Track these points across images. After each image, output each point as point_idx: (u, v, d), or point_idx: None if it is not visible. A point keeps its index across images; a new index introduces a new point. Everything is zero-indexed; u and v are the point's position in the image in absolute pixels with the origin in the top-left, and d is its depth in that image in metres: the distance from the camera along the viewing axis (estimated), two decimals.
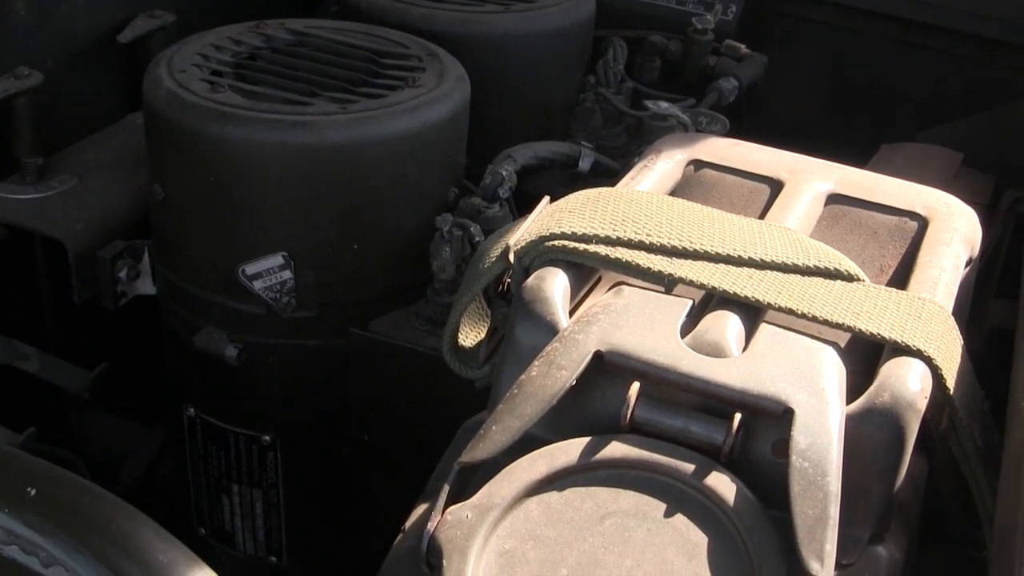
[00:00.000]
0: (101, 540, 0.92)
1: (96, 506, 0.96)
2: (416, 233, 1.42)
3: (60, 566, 0.90)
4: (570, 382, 1.01)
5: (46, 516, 0.93)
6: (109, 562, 0.90)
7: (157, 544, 0.93)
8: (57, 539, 0.91)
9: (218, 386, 1.51)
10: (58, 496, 0.96)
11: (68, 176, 1.65)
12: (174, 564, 0.92)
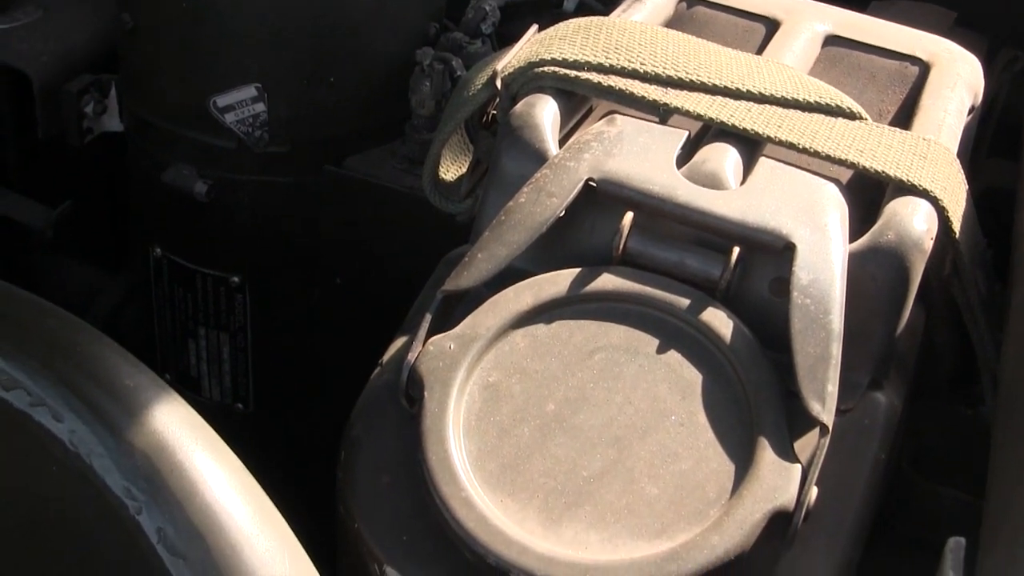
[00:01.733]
0: (65, 363, 0.87)
1: (60, 328, 0.91)
2: (394, 67, 1.36)
3: (22, 389, 0.85)
4: (561, 210, 0.96)
5: (7, 338, 0.88)
6: (73, 385, 0.86)
7: (123, 368, 0.89)
8: (18, 362, 0.86)
9: (186, 225, 1.45)
10: (20, 317, 0.91)
11: (33, 8, 1.56)
12: (140, 388, 0.87)
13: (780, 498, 0.84)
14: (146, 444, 0.84)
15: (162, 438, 0.85)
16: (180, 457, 0.84)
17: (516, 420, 0.89)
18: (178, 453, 0.84)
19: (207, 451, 0.85)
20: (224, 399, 1.55)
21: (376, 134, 1.40)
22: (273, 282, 1.47)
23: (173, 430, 0.85)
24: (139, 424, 0.85)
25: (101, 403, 0.85)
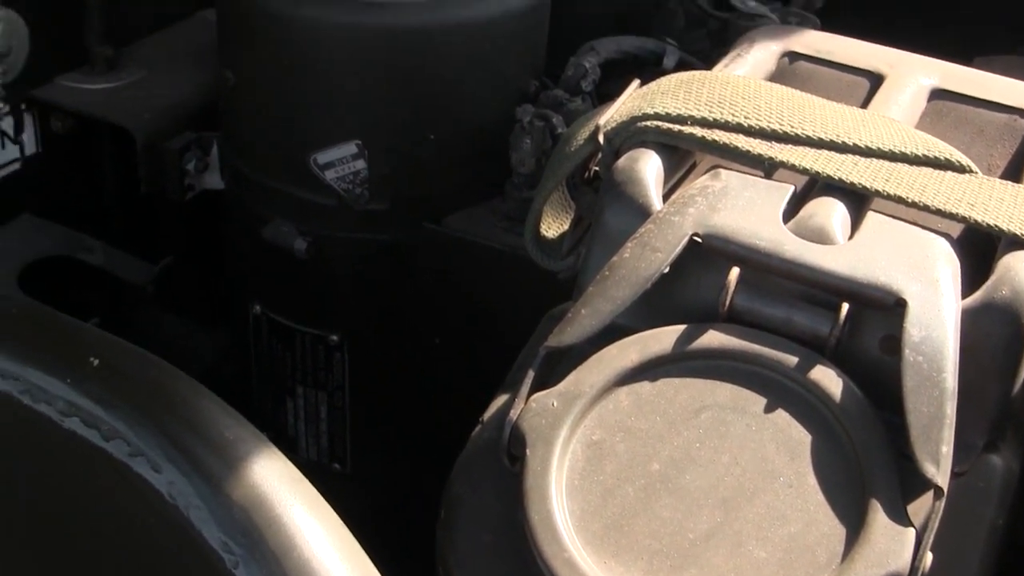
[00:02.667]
0: (165, 414, 0.87)
1: (161, 379, 0.91)
2: (495, 125, 1.36)
3: (122, 439, 0.85)
4: (665, 265, 0.94)
5: (109, 388, 0.88)
6: (172, 437, 0.85)
7: (223, 420, 0.88)
8: (119, 412, 0.86)
9: (285, 282, 1.46)
10: (122, 367, 0.91)
11: (137, 67, 1.60)
12: (240, 441, 0.86)
13: (893, 563, 0.81)
14: (244, 497, 0.83)
15: (261, 492, 0.84)
16: (279, 511, 0.83)
17: (620, 480, 0.87)
18: (276, 507, 0.83)
19: (306, 506, 0.84)
20: (321, 458, 1.55)
21: (476, 192, 1.39)
22: (372, 341, 1.47)
23: (272, 484, 0.84)
24: (238, 477, 0.84)
25: (200, 455, 0.85)
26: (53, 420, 0.88)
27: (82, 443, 0.87)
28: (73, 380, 0.89)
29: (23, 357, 0.90)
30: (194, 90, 1.55)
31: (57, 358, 0.90)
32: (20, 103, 1.56)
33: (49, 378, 0.89)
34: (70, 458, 0.88)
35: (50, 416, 0.88)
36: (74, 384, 0.88)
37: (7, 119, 1.55)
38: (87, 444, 0.87)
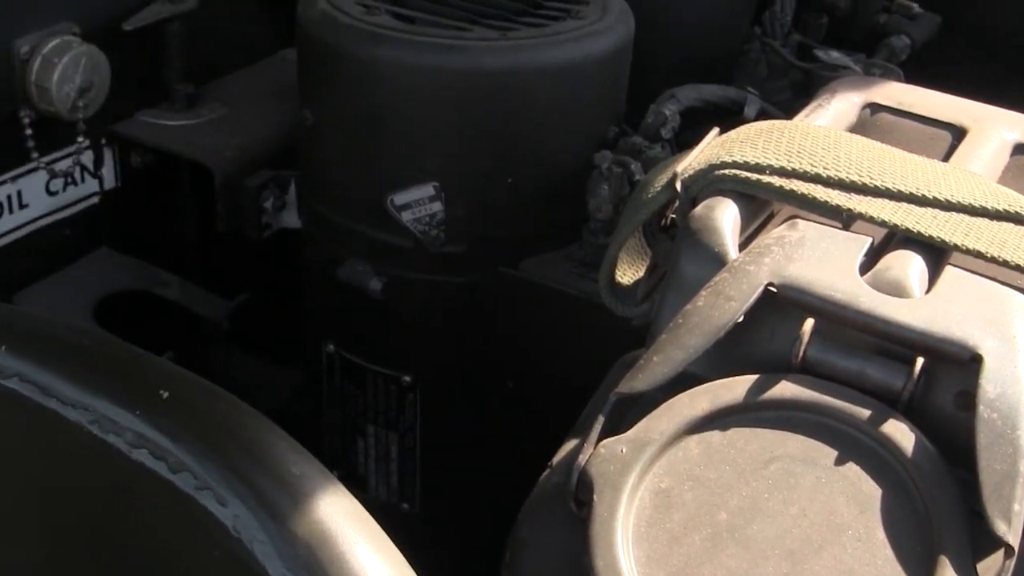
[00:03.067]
0: (232, 448, 0.87)
1: (230, 413, 0.91)
2: (573, 170, 1.35)
3: (188, 472, 0.86)
4: (740, 314, 0.93)
5: (178, 420, 0.88)
6: (239, 471, 0.85)
7: (290, 456, 0.88)
8: (187, 445, 0.87)
9: (360, 322, 1.46)
10: (191, 401, 0.91)
11: (218, 105, 1.63)
12: (307, 478, 0.87)
13: None
14: (309, 533, 0.83)
15: (325, 528, 0.84)
16: (342, 549, 0.83)
17: (687, 528, 0.86)
18: (340, 544, 0.83)
19: (370, 544, 0.84)
20: (391, 498, 1.55)
21: (552, 237, 1.39)
22: (444, 383, 1.47)
23: (337, 521, 0.84)
24: (303, 513, 0.84)
25: (266, 490, 0.85)
26: (122, 451, 0.88)
27: (149, 475, 0.87)
28: (142, 412, 0.89)
29: (94, 388, 0.91)
30: (273, 129, 1.56)
31: (127, 390, 0.91)
32: (100, 138, 1.59)
33: (119, 409, 0.89)
34: (137, 489, 0.88)
35: (119, 447, 0.88)
36: (143, 416, 0.89)
37: (87, 153, 1.58)
38: (154, 476, 0.87)
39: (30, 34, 1.44)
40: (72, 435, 0.90)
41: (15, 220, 1.53)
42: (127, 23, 1.53)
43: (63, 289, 1.57)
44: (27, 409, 0.92)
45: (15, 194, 1.52)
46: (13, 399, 0.93)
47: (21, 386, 0.93)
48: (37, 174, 1.52)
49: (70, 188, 1.58)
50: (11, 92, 1.45)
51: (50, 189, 1.56)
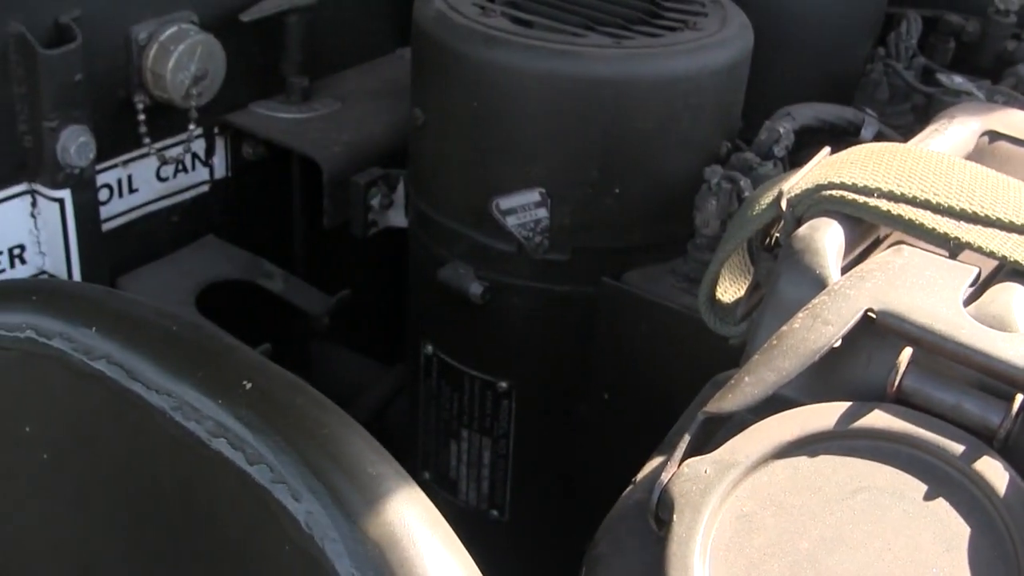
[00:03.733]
0: (310, 443, 0.86)
1: (310, 408, 0.90)
2: (682, 183, 1.33)
3: (265, 465, 0.85)
4: (836, 339, 0.91)
5: (258, 412, 0.88)
6: (315, 467, 0.85)
7: (368, 455, 0.87)
8: (266, 437, 0.86)
9: (459, 325, 1.46)
10: (273, 393, 0.91)
11: (332, 100, 1.63)
12: (383, 478, 0.85)
13: None
14: (379, 535, 0.82)
15: (396, 530, 0.83)
16: (412, 552, 0.82)
17: (766, 555, 0.83)
18: (410, 548, 0.82)
19: (440, 548, 0.83)
20: (480, 504, 1.54)
21: (657, 250, 1.37)
22: (540, 391, 1.45)
23: (408, 523, 0.83)
24: (375, 513, 0.83)
25: (341, 488, 0.84)
26: (201, 439, 0.88)
27: (227, 465, 0.87)
28: (224, 401, 0.89)
29: (178, 374, 0.91)
30: (385, 127, 1.56)
31: (211, 378, 0.91)
32: (213, 127, 1.60)
33: (201, 397, 0.90)
34: (213, 478, 0.88)
35: (199, 435, 0.88)
36: (225, 405, 0.89)
37: (199, 142, 1.59)
38: (231, 466, 0.87)
39: (148, 21, 1.46)
40: (154, 420, 0.90)
41: (124, 204, 1.55)
42: (245, 14, 1.54)
43: (167, 275, 1.58)
44: (113, 391, 0.93)
45: (125, 178, 1.54)
46: (100, 380, 0.94)
47: (108, 368, 0.94)
48: (148, 160, 1.54)
49: (180, 175, 1.60)
50: (127, 77, 1.48)
51: (160, 175, 1.58)
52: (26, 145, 1.39)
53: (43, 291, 1.03)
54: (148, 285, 1.56)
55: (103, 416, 0.96)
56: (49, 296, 1.01)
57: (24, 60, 1.35)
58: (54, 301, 1.00)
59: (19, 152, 1.40)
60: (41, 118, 1.36)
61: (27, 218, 1.44)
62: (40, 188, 1.42)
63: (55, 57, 1.34)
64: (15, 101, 1.37)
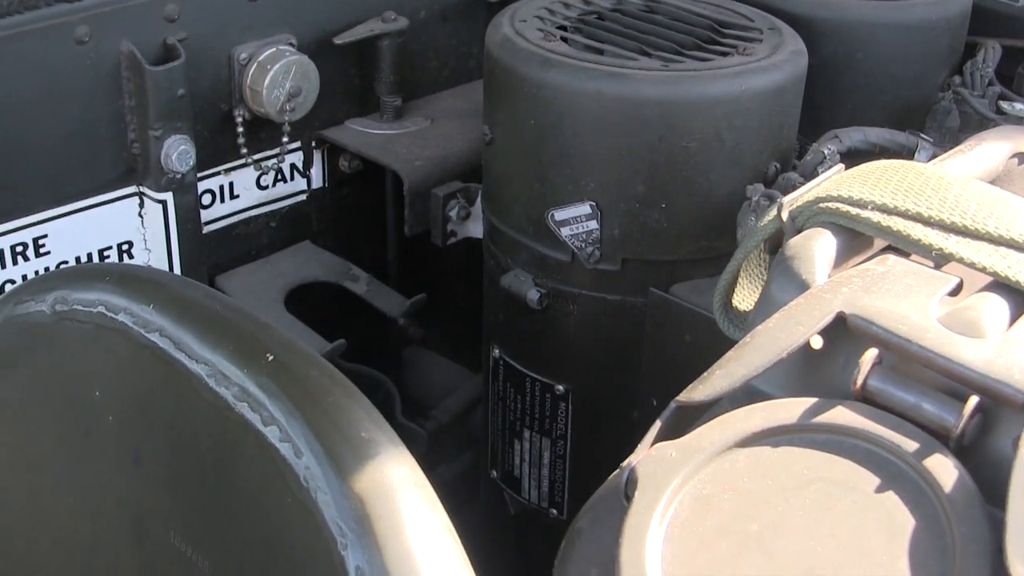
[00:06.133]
0: (315, 409, 0.97)
1: (320, 379, 1.01)
2: (728, 201, 1.40)
3: (276, 426, 0.96)
4: (804, 338, 0.97)
5: (275, 380, 0.99)
6: (316, 429, 0.96)
7: (364, 422, 0.97)
8: (279, 402, 0.98)
9: (521, 330, 1.54)
10: (290, 364, 1.01)
11: (422, 118, 1.74)
12: (374, 442, 0.95)
13: None
14: (363, 490, 0.92)
15: (379, 487, 0.92)
16: (391, 507, 0.92)
17: (717, 535, 0.90)
18: (390, 503, 0.92)
19: (417, 503, 0.92)
20: (541, 503, 1.62)
21: (706, 264, 1.44)
22: (595, 395, 1.53)
23: (391, 481, 0.93)
24: (363, 471, 0.93)
25: (335, 447, 0.95)
26: (229, 403, 1.00)
27: (247, 426, 0.99)
28: (249, 371, 1.01)
29: (214, 345, 1.03)
30: (468, 144, 1.66)
31: (240, 350, 1.02)
32: (311, 141, 1.73)
33: (231, 366, 1.01)
34: (236, 438, 0.99)
35: (227, 399, 1.00)
36: (249, 374, 1.00)
37: (298, 154, 1.72)
38: (250, 427, 0.98)
39: (250, 42, 1.60)
40: (193, 385, 1.02)
41: (225, 209, 1.69)
42: (338, 38, 1.67)
43: (261, 275, 1.71)
44: (163, 360, 1.05)
45: (227, 185, 1.68)
46: (153, 350, 1.06)
47: (160, 340, 1.06)
48: (248, 168, 1.68)
49: (279, 184, 1.73)
50: (228, 93, 1.62)
51: (260, 183, 1.71)
52: (134, 151, 1.55)
53: (114, 273, 1.16)
54: (243, 283, 1.69)
55: (155, 383, 1.08)
56: (119, 277, 1.14)
57: (134, 75, 1.50)
58: (123, 282, 1.13)
59: (129, 158, 1.55)
60: (147, 127, 1.51)
61: (135, 217, 1.59)
62: (146, 191, 1.56)
63: (160, 73, 1.49)
64: (125, 112, 1.52)
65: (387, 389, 1.69)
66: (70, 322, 1.13)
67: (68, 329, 1.13)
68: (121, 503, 1.14)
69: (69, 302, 1.13)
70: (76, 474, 1.18)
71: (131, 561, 1.12)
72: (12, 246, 1.49)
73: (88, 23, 1.45)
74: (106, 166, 1.54)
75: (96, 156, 1.53)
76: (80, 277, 1.17)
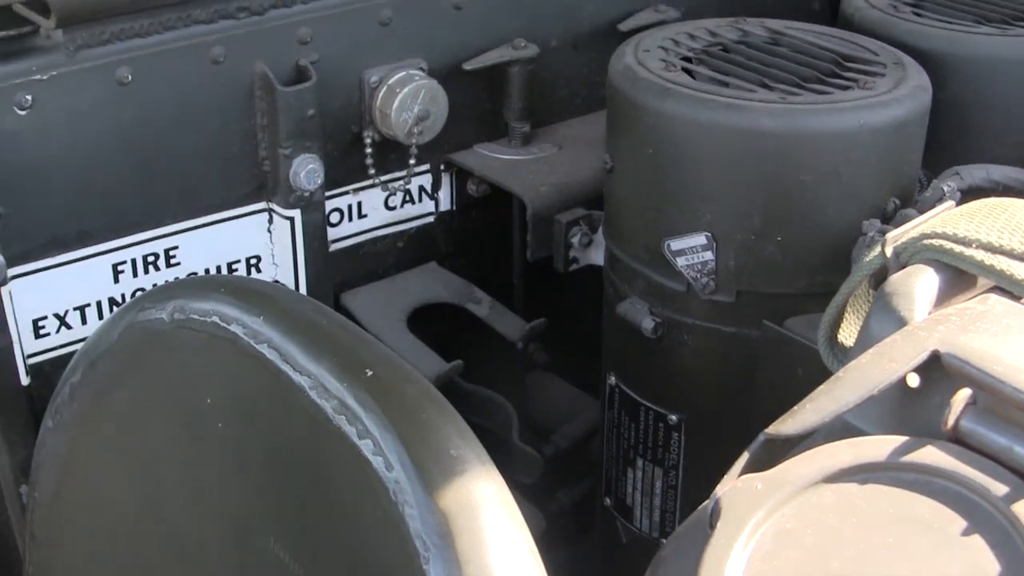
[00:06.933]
0: (408, 425, 1.00)
1: (415, 395, 1.04)
2: (844, 235, 1.38)
3: (370, 440, 0.99)
4: (896, 376, 0.96)
5: (372, 395, 1.02)
6: (407, 444, 0.98)
7: (454, 439, 1.00)
8: (375, 416, 1.01)
9: (636, 358, 1.55)
10: (387, 380, 1.04)
11: (550, 145, 1.76)
12: (463, 460, 0.98)
13: None
14: (448, 505, 0.94)
15: (464, 504, 0.95)
16: (474, 524, 0.94)
17: (797, 570, 0.89)
18: (473, 520, 0.94)
19: (500, 522, 0.94)
20: (652, 532, 1.62)
21: (821, 298, 1.41)
22: (708, 426, 1.53)
23: (476, 499, 0.95)
24: (450, 488, 0.96)
25: (424, 463, 0.97)
26: (328, 415, 1.03)
27: (344, 438, 1.02)
28: (348, 384, 1.04)
29: (317, 358, 1.06)
30: (593, 171, 1.67)
31: (342, 365, 1.05)
32: (440, 164, 1.76)
33: (332, 380, 1.04)
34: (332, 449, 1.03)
35: (326, 411, 1.03)
36: (348, 388, 1.03)
37: (426, 176, 1.76)
38: (346, 439, 1.01)
39: (381, 66, 1.64)
40: (295, 396, 1.06)
41: (353, 227, 1.73)
42: (467, 64, 1.70)
43: (386, 293, 1.74)
44: (269, 371, 1.09)
45: (355, 204, 1.72)
46: (261, 361, 1.10)
47: (268, 351, 1.10)
48: (376, 189, 1.71)
49: (407, 205, 1.77)
50: (359, 115, 1.66)
51: (388, 204, 1.75)
52: (265, 168, 1.60)
53: (229, 285, 1.20)
54: (367, 301, 1.73)
55: (261, 392, 1.12)
56: (233, 289, 1.18)
57: (266, 95, 1.55)
58: (236, 293, 1.17)
59: (259, 174, 1.60)
60: (277, 146, 1.56)
61: (264, 233, 1.64)
62: (275, 207, 1.61)
63: (291, 93, 1.53)
64: (257, 130, 1.57)
65: (506, 412, 1.70)
66: (186, 330, 1.18)
67: (184, 337, 1.18)
68: (226, 508, 1.18)
69: (186, 311, 1.18)
70: (186, 477, 1.22)
71: (232, 566, 1.16)
72: (144, 256, 1.55)
73: (224, 44, 1.51)
74: (237, 182, 1.60)
75: (228, 172, 1.59)
76: (198, 287, 1.22)
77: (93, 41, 1.43)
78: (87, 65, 1.43)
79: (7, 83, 1.39)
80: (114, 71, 1.46)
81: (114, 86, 1.46)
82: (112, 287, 1.55)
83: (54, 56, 1.42)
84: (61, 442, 1.34)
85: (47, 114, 1.42)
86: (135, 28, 1.45)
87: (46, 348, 1.54)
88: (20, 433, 1.48)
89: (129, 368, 1.26)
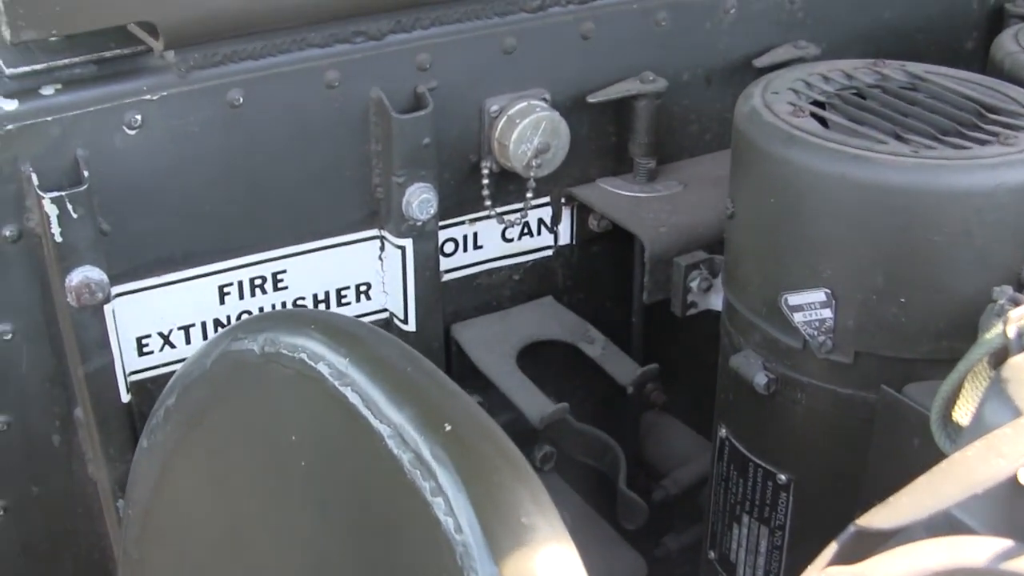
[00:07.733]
0: (481, 487, 0.97)
1: (492, 455, 1.00)
2: (973, 301, 1.30)
3: (443, 499, 0.96)
4: (1005, 474, 0.89)
5: (448, 452, 0.99)
6: (479, 508, 0.95)
7: (527, 505, 0.96)
8: (449, 474, 0.97)
9: (748, 412, 1.49)
10: (465, 437, 1.01)
11: (675, 183, 1.70)
12: (531, 528, 0.94)
13: None
14: None
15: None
16: None
17: None
18: None
19: None
20: None
21: (944, 365, 1.33)
22: (818, 488, 1.46)
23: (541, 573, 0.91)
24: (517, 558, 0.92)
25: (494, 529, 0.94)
26: (403, 467, 1.00)
27: (416, 494, 0.99)
28: (426, 438, 1.00)
29: (399, 408, 1.03)
30: (716, 213, 1.61)
31: (422, 416, 1.02)
32: (560, 197, 1.72)
33: (411, 431, 1.01)
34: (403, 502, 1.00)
35: (402, 463, 1.00)
36: (426, 442, 1.00)
37: (546, 209, 1.71)
38: (419, 496, 0.98)
39: (502, 95, 1.60)
40: (374, 443, 1.03)
41: (468, 258, 1.70)
42: (592, 96, 1.65)
43: (498, 327, 1.71)
44: (350, 414, 1.07)
45: (471, 235, 1.69)
46: (343, 404, 1.08)
47: (351, 394, 1.08)
48: (493, 220, 1.67)
49: (525, 238, 1.72)
50: (477, 144, 1.62)
51: (506, 236, 1.71)
52: (378, 196, 1.57)
53: (319, 321, 1.18)
54: (478, 334, 1.69)
55: (342, 435, 1.10)
56: (323, 326, 1.16)
57: (381, 121, 1.52)
58: (325, 331, 1.15)
59: (371, 201, 1.58)
60: (391, 173, 1.53)
61: (375, 260, 1.61)
62: (387, 235, 1.58)
63: (407, 121, 1.51)
64: (371, 156, 1.55)
65: (614, 455, 1.66)
66: (275, 365, 1.16)
67: (273, 371, 1.16)
68: (306, 547, 1.16)
69: (277, 344, 1.16)
70: (269, 511, 1.20)
71: None
72: (251, 278, 1.54)
73: (339, 68, 1.49)
74: (349, 208, 1.58)
75: (340, 198, 1.56)
76: (289, 321, 1.20)
77: (205, 62, 1.43)
78: (198, 86, 1.43)
79: (117, 102, 1.39)
80: (225, 93, 1.45)
81: (225, 108, 1.45)
82: (218, 308, 1.55)
83: (165, 76, 1.42)
84: (154, 464, 1.34)
85: (156, 134, 1.42)
86: (248, 50, 1.44)
87: (149, 366, 1.54)
88: (119, 449, 1.49)
89: (220, 396, 1.25)
